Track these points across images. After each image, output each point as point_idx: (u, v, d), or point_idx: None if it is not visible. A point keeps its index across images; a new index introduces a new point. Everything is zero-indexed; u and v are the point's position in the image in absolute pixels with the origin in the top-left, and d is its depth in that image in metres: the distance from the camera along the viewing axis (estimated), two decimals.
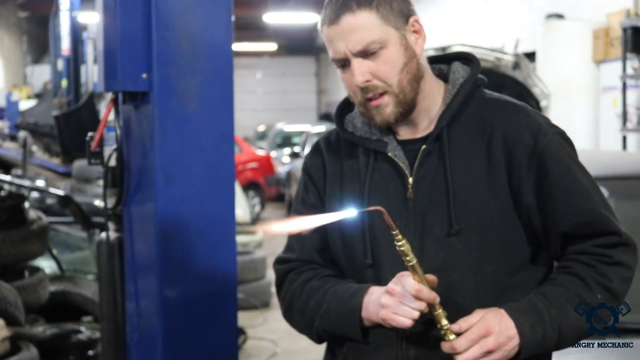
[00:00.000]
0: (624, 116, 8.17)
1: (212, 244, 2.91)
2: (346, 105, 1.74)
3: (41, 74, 20.57)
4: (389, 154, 1.64)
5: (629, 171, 3.16)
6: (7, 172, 7.57)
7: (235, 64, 2.94)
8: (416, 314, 1.49)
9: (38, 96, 17.33)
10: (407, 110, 1.61)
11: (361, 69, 1.57)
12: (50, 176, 7.95)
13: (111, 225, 3.15)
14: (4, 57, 21.65)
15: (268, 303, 6.81)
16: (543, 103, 8.72)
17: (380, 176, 1.65)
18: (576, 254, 1.58)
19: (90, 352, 4.12)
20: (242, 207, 8.86)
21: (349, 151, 1.70)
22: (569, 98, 9.00)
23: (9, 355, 3.54)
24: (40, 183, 6.99)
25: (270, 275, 1.62)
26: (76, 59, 9.75)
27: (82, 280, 4.88)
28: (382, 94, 1.59)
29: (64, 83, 10.16)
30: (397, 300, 1.50)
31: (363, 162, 1.67)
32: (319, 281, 1.67)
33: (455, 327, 1.49)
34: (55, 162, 8.56)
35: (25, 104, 14.67)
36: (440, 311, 1.50)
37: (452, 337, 1.49)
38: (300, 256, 1.73)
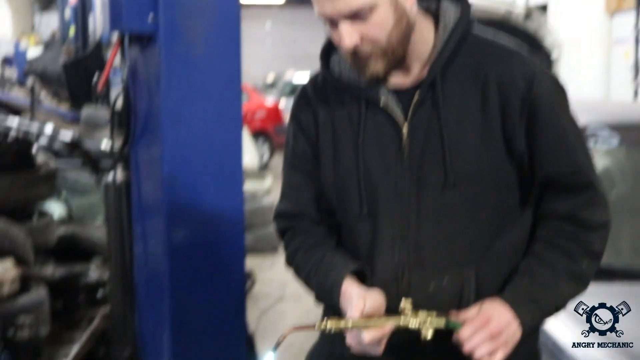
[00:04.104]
0: (636, 68, 8.10)
1: (219, 187, 2.92)
2: (332, 44, 1.67)
3: (49, 22, 20.43)
4: (381, 105, 1.61)
5: None
6: None
7: (244, 15, 2.91)
8: (381, 348, 1.53)
9: (46, 45, 17.25)
10: (396, 63, 1.58)
11: (349, 32, 1.51)
12: (59, 122, 7.96)
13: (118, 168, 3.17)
14: (12, 6, 21.51)
15: (276, 247, 6.87)
16: (555, 54, 8.64)
17: (373, 125, 1.62)
18: (558, 221, 1.60)
19: (99, 293, 4.17)
20: (251, 154, 8.87)
21: (338, 97, 1.67)
22: (580, 50, 8.93)
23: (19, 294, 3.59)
24: (48, 128, 6.99)
25: None
26: (84, 7, 9.69)
27: (90, 224, 4.92)
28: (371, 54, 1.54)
29: (72, 31, 10.11)
30: (359, 347, 1.56)
31: (355, 111, 1.64)
32: (304, 255, 1.70)
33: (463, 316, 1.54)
34: (64, 108, 8.56)
35: (33, 52, 14.61)
36: (408, 316, 1.52)
37: (430, 332, 1.51)
38: (295, 207, 1.74)
